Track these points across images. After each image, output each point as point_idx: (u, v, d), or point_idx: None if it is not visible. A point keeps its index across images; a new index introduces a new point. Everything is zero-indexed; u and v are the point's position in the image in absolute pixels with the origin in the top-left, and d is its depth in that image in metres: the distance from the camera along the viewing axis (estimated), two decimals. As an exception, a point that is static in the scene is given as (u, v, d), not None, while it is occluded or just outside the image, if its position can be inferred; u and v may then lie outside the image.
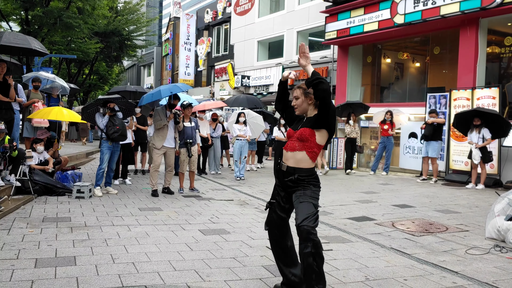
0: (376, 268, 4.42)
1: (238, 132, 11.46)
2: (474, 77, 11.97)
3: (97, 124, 8.24)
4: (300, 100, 3.58)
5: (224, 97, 26.54)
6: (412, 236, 5.69)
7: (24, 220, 5.89)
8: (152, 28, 47.63)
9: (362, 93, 17.03)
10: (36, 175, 7.81)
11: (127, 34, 29.81)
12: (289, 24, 22.38)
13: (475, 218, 6.86)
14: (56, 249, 4.65)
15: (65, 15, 16.61)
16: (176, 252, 4.72)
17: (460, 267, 4.46)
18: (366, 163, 15.08)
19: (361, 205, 7.91)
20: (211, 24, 33.61)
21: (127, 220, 6.17)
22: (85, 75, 33.04)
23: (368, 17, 14.45)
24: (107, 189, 8.44)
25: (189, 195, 8.53)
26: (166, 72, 45.12)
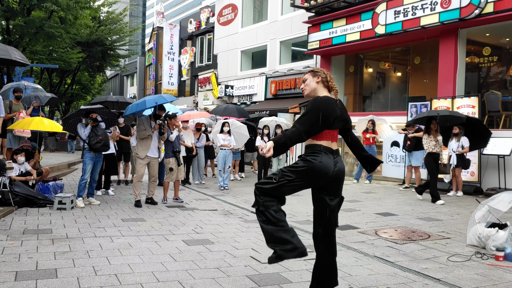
0: (360, 276, 4.44)
1: (222, 142, 11.46)
2: (454, 87, 12.18)
3: (79, 135, 8.16)
4: (308, 80, 3.61)
5: (208, 107, 26.54)
6: (395, 244, 5.74)
7: (4, 232, 5.79)
8: (135, 38, 47.49)
9: (345, 102, 17.17)
10: (16, 187, 7.69)
11: (110, 43, 29.68)
12: (272, 34, 22.52)
13: (456, 226, 6.95)
14: (37, 261, 4.57)
15: (46, 25, 16.47)
16: (159, 263, 4.69)
17: (442, 274, 4.51)
18: (349, 172, 15.18)
19: (344, 213, 7.95)
20: (195, 34, 33.63)
21: (109, 231, 6.11)
22: (67, 85, 32.73)
23: (350, 28, 14.64)
24: (89, 200, 8.35)
25: (172, 205, 8.48)
26: (149, 82, 44.94)
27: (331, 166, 3.40)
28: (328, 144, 3.46)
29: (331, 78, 3.62)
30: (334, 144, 3.52)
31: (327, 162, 3.39)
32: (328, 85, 3.59)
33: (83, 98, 37.70)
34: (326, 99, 3.44)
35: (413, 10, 12.35)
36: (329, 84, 3.59)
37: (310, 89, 3.60)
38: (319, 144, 3.44)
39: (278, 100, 21.42)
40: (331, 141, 3.49)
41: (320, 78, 3.56)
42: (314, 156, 3.40)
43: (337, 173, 3.44)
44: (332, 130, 3.48)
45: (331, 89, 3.60)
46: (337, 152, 3.53)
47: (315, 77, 3.57)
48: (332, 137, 3.50)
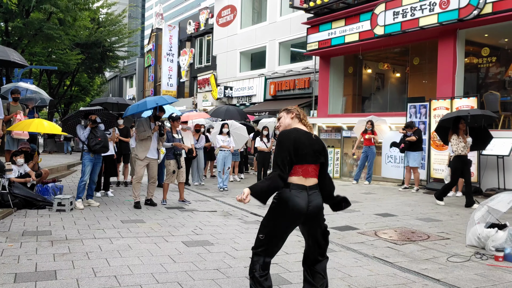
0: (359, 277, 4.44)
1: (222, 143, 11.46)
2: (453, 87, 12.19)
3: (79, 136, 8.15)
4: (283, 117, 3.58)
5: (207, 108, 26.53)
6: (395, 245, 5.74)
7: (3, 234, 5.79)
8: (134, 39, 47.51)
9: (344, 103, 17.20)
10: (15, 188, 7.69)
11: (109, 45, 29.65)
12: (271, 35, 22.53)
13: (456, 226, 6.95)
14: (36, 263, 4.57)
15: (45, 26, 16.46)
16: (159, 264, 4.69)
17: (442, 275, 4.51)
18: (348, 173, 15.18)
19: (344, 214, 7.95)
20: (194, 35, 33.64)
21: (109, 233, 6.10)
22: (66, 86, 32.70)
23: (349, 28, 14.64)
24: (88, 201, 8.34)
25: (172, 207, 8.47)
26: (148, 83, 44.96)
27: (303, 203, 3.28)
28: (300, 180, 3.32)
29: (304, 116, 3.57)
30: (309, 180, 3.36)
31: (297, 199, 3.26)
32: (302, 121, 3.52)
33: (82, 99, 37.67)
34: (290, 130, 3.40)
35: (412, 11, 12.36)
36: (302, 121, 3.52)
37: (284, 125, 3.55)
38: (288, 182, 3.32)
39: (277, 101, 21.43)
40: (304, 177, 3.34)
41: (294, 114, 3.53)
42: (283, 196, 3.29)
43: (313, 210, 3.34)
44: (303, 165, 3.34)
45: (305, 125, 3.52)
46: (314, 188, 3.38)
47: (289, 114, 3.54)
48: (306, 173, 3.35)
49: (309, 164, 3.37)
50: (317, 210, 3.38)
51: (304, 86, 19.84)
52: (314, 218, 3.39)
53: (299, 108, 3.62)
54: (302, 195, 3.29)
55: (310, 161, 3.37)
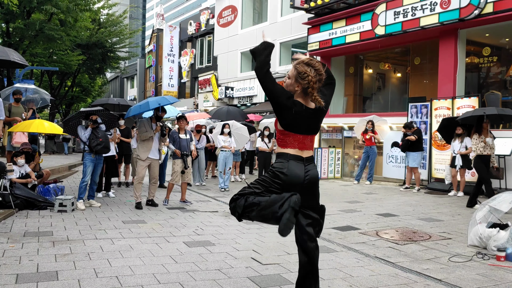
0: (361, 277, 4.44)
1: (223, 143, 11.46)
2: (454, 87, 12.18)
3: (80, 137, 8.16)
4: (289, 81, 3.34)
5: (208, 108, 26.54)
6: (396, 245, 5.73)
7: (5, 235, 5.79)
8: (135, 40, 47.54)
9: (345, 104, 17.19)
10: (17, 189, 7.69)
11: (110, 46, 29.67)
12: (272, 35, 22.36)
13: (457, 226, 6.94)
14: (37, 264, 4.57)
15: (46, 27, 16.48)
16: (160, 264, 4.68)
17: (444, 275, 4.51)
18: (349, 173, 15.18)
19: (345, 214, 7.95)
20: (195, 35, 33.67)
21: (110, 233, 6.10)
22: (68, 87, 32.73)
23: (349, 29, 14.64)
24: (90, 202, 8.35)
25: (173, 207, 8.47)
26: (149, 84, 45.00)
27: (301, 174, 3.25)
28: (297, 152, 3.29)
29: (313, 88, 3.19)
30: (305, 152, 3.33)
31: (295, 170, 3.24)
32: (307, 94, 3.24)
33: (83, 100, 37.71)
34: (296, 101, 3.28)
35: (413, 11, 12.36)
36: (308, 94, 3.23)
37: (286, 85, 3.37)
38: (286, 152, 3.29)
39: (278, 101, 21.40)
40: (299, 149, 3.30)
41: (300, 87, 3.25)
42: (281, 164, 3.27)
43: (309, 181, 3.29)
44: (300, 136, 3.29)
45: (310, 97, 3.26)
46: (310, 160, 3.35)
47: (296, 84, 3.26)
48: (302, 145, 3.31)
49: (305, 136, 3.33)
50: (313, 181, 3.33)
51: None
52: (310, 189, 3.34)
53: (312, 74, 3.20)
54: (299, 165, 3.27)
55: (306, 132, 3.33)
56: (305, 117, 3.28)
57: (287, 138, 3.32)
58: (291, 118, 3.25)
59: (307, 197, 3.34)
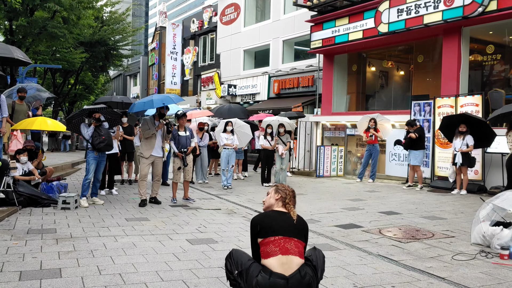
0: (364, 275, 4.44)
1: (225, 141, 11.46)
2: (457, 85, 12.14)
3: (83, 135, 8.17)
4: (269, 196, 3.54)
5: (210, 106, 26.55)
6: (399, 243, 5.73)
7: (9, 232, 5.81)
8: (138, 38, 47.56)
9: (348, 101, 17.16)
10: (20, 186, 7.71)
11: (113, 43, 29.68)
12: (274, 33, 22.51)
13: (460, 224, 6.92)
14: (41, 261, 4.58)
15: (49, 25, 16.48)
16: (163, 262, 4.69)
17: (447, 273, 4.50)
18: (352, 171, 15.16)
19: (348, 212, 7.94)
20: (197, 33, 33.66)
21: (113, 231, 6.11)
22: (71, 85, 32.77)
23: (352, 26, 14.61)
24: (93, 199, 8.36)
25: (176, 205, 8.48)
26: (152, 82, 45.04)
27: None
28: (278, 260, 3.10)
29: (291, 200, 3.47)
30: (289, 258, 3.13)
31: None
32: (285, 205, 3.44)
33: (86, 98, 37.75)
34: (263, 213, 3.45)
35: (416, 8, 12.31)
36: (286, 205, 3.44)
37: (267, 204, 3.52)
38: (267, 266, 3.14)
39: (281, 99, 21.42)
40: (282, 255, 3.11)
41: (280, 196, 3.47)
42: (261, 281, 3.08)
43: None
44: (278, 239, 3.17)
45: (289, 210, 3.42)
46: (295, 275, 3.09)
47: (276, 194, 3.49)
48: (284, 250, 3.13)
49: (284, 237, 3.18)
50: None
51: (308, 84, 19.82)
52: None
53: (290, 190, 3.54)
54: (279, 284, 3.06)
55: (286, 234, 3.20)
56: (279, 219, 3.33)
57: (266, 247, 3.22)
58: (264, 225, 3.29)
59: None
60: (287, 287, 3.05)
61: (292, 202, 3.49)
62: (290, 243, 3.18)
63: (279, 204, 3.46)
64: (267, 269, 3.11)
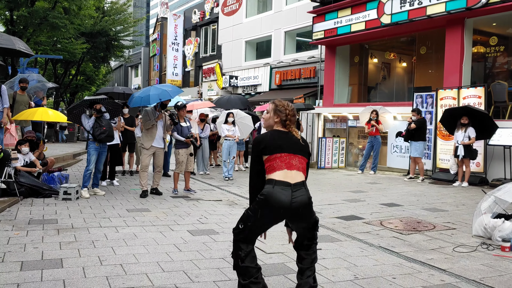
0: (365, 267, 4.44)
1: (227, 132, 11.44)
2: (460, 77, 12.08)
3: (83, 126, 8.16)
4: (268, 115, 3.51)
5: (212, 97, 26.49)
6: (400, 235, 5.72)
7: (10, 223, 5.81)
8: (139, 29, 47.43)
9: (350, 93, 17.11)
10: (21, 177, 7.71)
11: (114, 34, 29.58)
12: (276, 24, 22.40)
13: (462, 216, 6.92)
14: (42, 251, 4.59)
15: (50, 15, 16.42)
16: (164, 253, 4.70)
17: (448, 265, 4.50)
18: (354, 162, 15.15)
19: (349, 204, 7.94)
20: (199, 24, 33.51)
21: (114, 222, 6.12)
22: (72, 75, 32.72)
23: (355, 17, 14.52)
24: (94, 190, 8.37)
25: (177, 196, 8.49)
26: (153, 73, 44.92)
27: (286, 199, 3.16)
28: (283, 174, 3.23)
29: (291, 120, 3.42)
30: (294, 174, 3.26)
31: (279, 196, 3.16)
32: (285, 126, 3.43)
33: (87, 89, 37.70)
34: (265, 133, 3.44)
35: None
36: (286, 126, 3.42)
37: (267, 125, 3.53)
38: (272, 178, 3.24)
39: (283, 90, 21.36)
40: (287, 169, 3.24)
41: (279, 119, 3.43)
42: (266, 193, 3.21)
43: (297, 207, 3.20)
44: (283, 155, 3.26)
45: (289, 129, 3.43)
46: (299, 185, 3.24)
47: (275, 115, 3.44)
48: (289, 165, 3.26)
49: (290, 154, 3.30)
50: (302, 207, 3.23)
51: (310, 76, 19.74)
52: (300, 215, 3.26)
53: (290, 109, 3.46)
54: (286, 192, 3.18)
55: (292, 151, 3.31)
56: (283, 136, 3.37)
57: (272, 162, 3.29)
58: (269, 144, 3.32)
59: (297, 222, 3.33)
60: (291, 194, 3.19)
61: (292, 122, 3.45)
62: (295, 159, 3.32)
63: (279, 126, 3.45)
64: (272, 180, 3.23)
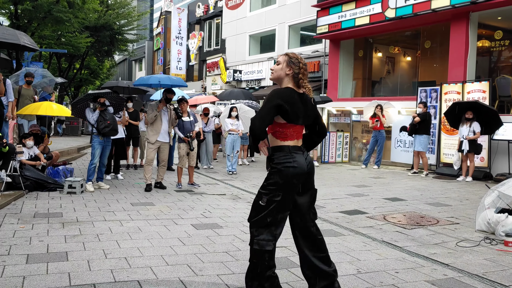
0: (368, 261, 4.45)
1: (230, 127, 11.45)
2: (464, 71, 12.04)
3: (88, 119, 8.19)
4: (279, 66, 3.28)
5: (216, 91, 26.49)
6: (403, 229, 5.73)
7: (15, 216, 5.86)
8: (143, 22, 47.31)
9: (354, 87, 17.08)
10: (27, 171, 7.76)
11: (118, 28, 29.56)
12: (280, 18, 22.34)
13: (465, 211, 6.92)
14: (47, 244, 4.63)
15: (55, 9, 16.43)
16: (168, 246, 4.73)
17: (451, 260, 4.51)
18: (357, 157, 15.15)
19: (353, 198, 7.95)
20: (203, 18, 33.47)
21: (119, 215, 6.16)
22: (76, 69, 32.75)
23: (359, 11, 14.47)
24: (98, 184, 8.41)
25: (181, 190, 8.52)
26: (157, 67, 44.94)
27: (305, 164, 3.24)
28: (295, 143, 3.27)
29: (304, 75, 3.26)
30: (300, 141, 3.34)
31: (301, 161, 3.21)
32: (298, 81, 3.25)
33: (91, 83, 37.74)
34: (283, 90, 3.20)
35: (424, -7, 12.16)
36: (299, 82, 3.25)
37: (276, 75, 3.30)
38: (286, 145, 3.23)
39: (287, 84, 21.31)
40: (297, 139, 3.29)
41: (291, 72, 3.23)
42: (286, 161, 3.18)
43: (310, 168, 3.28)
44: (297, 127, 3.27)
45: (300, 86, 3.27)
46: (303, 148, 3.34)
47: (287, 67, 3.24)
48: (298, 135, 3.31)
49: (302, 126, 3.34)
50: (313, 167, 3.34)
51: (314, 70, 19.71)
52: (309, 176, 3.31)
53: (303, 62, 3.28)
54: (302, 156, 3.25)
55: (306, 121, 3.33)
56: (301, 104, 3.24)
57: (287, 130, 3.26)
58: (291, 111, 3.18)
59: (308, 184, 3.35)
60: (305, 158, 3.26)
61: (305, 77, 3.28)
62: (303, 129, 3.38)
63: (290, 80, 3.25)
64: (286, 147, 3.23)
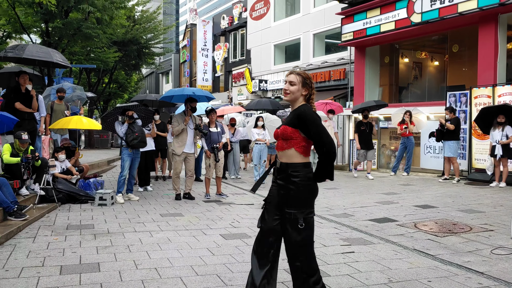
0: (399, 270, 4.38)
1: (257, 137, 11.48)
2: (494, 74, 11.78)
3: (117, 132, 8.36)
4: (296, 87, 3.26)
5: (242, 101, 26.63)
6: (435, 237, 5.62)
7: (49, 228, 6.00)
8: (169, 36, 48.06)
9: (381, 94, 16.91)
10: (59, 184, 7.95)
11: (145, 42, 30.09)
12: (305, 27, 22.36)
13: (499, 217, 6.73)
14: (80, 256, 4.72)
15: (84, 26, 16.85)
16: (198, 257, 4.75)
17: (486, 268, 4.39)
18: (386, 164, 14.94)
19: (382, 206, 7.84)
20: (228, 29, 33.78)
21: (149, 226, 6.23)
22: (105, 83, 33.44)
23: (384, 17, 14.36)
24: (128, 195, 8.54)
25: (210, 200, 8.57)
26: (184, 79, 45.50)
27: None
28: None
29: (314, 94, 3.35)
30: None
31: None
32: (308, 101, 3.30)
33: (120, 96, 38.44)
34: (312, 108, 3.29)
35: (450, -3, 11.99)
36: (310, 101, 3.31)
37: (294, 98, 3.28)
38: (308, 162, 3.27)
39: (312, 93, 21.28)
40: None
41: (307, 92, 3.28)
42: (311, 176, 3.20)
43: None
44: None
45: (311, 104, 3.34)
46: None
47: (303, 88, 3.26)
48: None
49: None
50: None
51: (340, 77, 19.62)
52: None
53: (313, 82, 3.38)
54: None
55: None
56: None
57: (310, 146, 3.30)
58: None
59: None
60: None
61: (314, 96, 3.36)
62: None
63: (303, 100, 3.30)
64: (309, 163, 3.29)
